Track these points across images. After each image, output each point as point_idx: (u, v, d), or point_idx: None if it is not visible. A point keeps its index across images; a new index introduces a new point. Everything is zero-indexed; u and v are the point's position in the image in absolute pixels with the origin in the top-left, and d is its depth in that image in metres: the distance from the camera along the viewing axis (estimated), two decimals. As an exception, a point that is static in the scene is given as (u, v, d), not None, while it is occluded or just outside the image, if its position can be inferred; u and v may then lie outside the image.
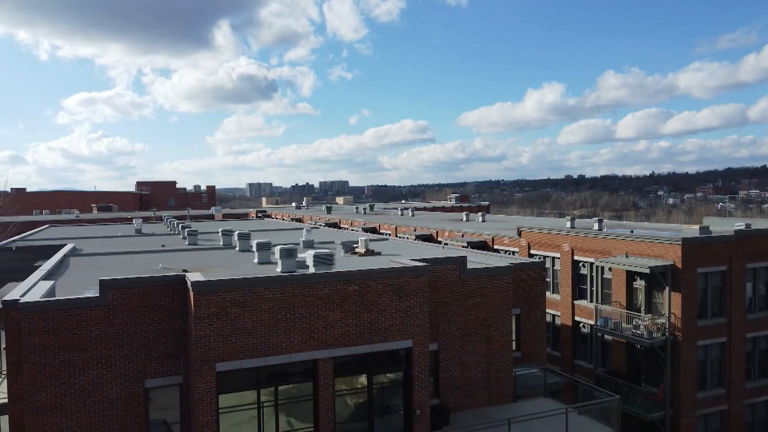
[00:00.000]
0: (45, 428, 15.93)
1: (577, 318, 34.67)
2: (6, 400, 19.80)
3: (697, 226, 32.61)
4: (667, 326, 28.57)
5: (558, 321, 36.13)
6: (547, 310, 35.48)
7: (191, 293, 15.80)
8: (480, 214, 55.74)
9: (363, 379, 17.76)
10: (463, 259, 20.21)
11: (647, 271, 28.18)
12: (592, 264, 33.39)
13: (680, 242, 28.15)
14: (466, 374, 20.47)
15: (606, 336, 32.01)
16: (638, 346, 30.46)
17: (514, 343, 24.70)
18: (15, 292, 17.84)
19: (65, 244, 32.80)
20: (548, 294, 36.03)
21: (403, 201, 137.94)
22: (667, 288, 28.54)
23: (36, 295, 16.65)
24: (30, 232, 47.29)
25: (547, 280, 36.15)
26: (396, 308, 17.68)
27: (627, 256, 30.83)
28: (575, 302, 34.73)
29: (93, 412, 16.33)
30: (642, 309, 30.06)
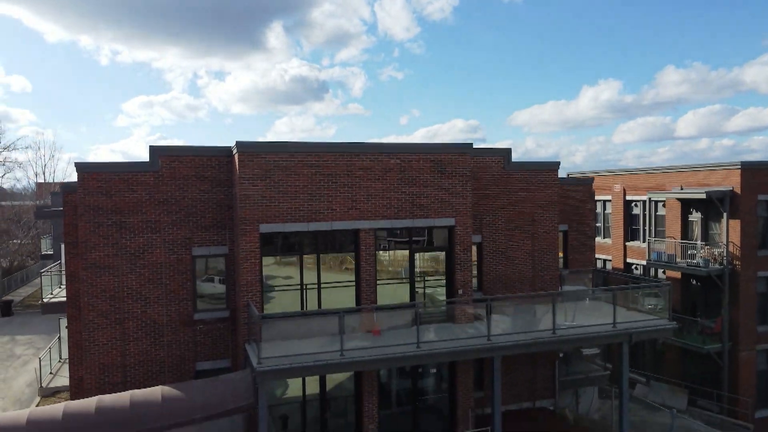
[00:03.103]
0: (97, 284, 16.55)
1: (629, 260, 33.66)
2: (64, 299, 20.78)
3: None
4: (725, 255, 27.39)
5: (609, 265, 35.16)
6: (598, 256, 34.67)
7: (236, 154, 16.14)
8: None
9: (405, 254, 17.73)
10: (507, 151, 19.92)
11: (704, 196, 27.11)
12: (644, 202, 32.40)
13: (739, 167, 26.99)
14: (510, 269, 20.15)
15: (660, 272, 30.96)
16: (693, 281, 29.39)
17: (561, 260, 24.25)
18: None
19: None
20: (599, 239, 35.17)
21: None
22: (725, 215, 27.37)
23: (91, 164, 17.33)
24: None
25: (598, 225, 35.34)
26: (438, 185, 17.58)
27: (682, 189, 29.77)
28: (627, 244, 33.75)
29: (142, 275, 16.88)
30: (698, 242, 28.93)
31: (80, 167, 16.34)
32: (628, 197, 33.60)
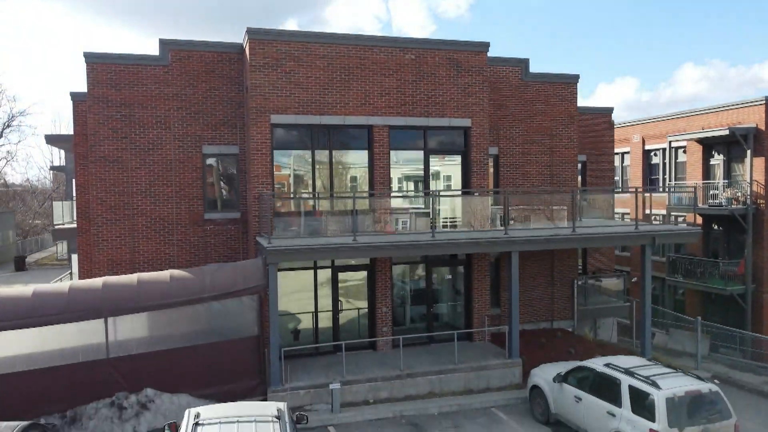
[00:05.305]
0: (106, 178, 16.27)
1: (646, 212, 32.83)
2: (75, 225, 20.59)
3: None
4: (749, 194, 26.59)
5: (627, 219, 34.41)
6: (616, 210, 33.96)
7: (247, 42, 15.77)
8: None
9: (420, 156, 17.23)
10: (525, 61, 19.37)
11: (726, 132, 26.35)
12: (664, 150, 31.67)
13: (764, 102, 26.20)
14: (527, 183, 19.61)
15: (680, 218, 30.21)
16: (715, 225, 28.62)
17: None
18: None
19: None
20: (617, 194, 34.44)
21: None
22: (748, 153, 26.59)
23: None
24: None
25: (616, 178, 34.63)
26: (454, 83, 17.09)
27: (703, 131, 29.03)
28: (645, 196, 32.94)
29: (152, 171, 16.57)
30: (720, 182, 28.18)
31: (89, 57, 16.06)
32: (647, 147, 32.89)
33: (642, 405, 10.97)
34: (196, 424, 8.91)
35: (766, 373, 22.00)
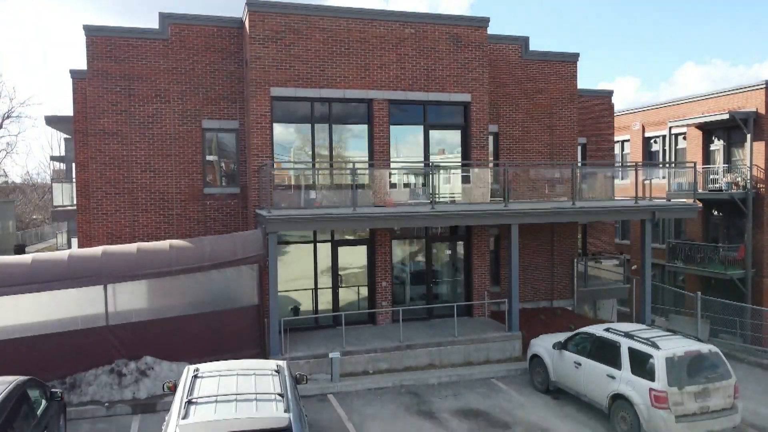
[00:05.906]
0: (106, 151, 16.25)
1: (647, 197, 32.85)
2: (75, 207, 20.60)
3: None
4: (749, 178, 26.57)
5: (627, 207, 34.37)
6: (616, 197, 33.93)
7: (247, 14, 15.76)
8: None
9: (419, 131, 17.21)
10: (525, 39, 19.36)
11: (726, 116, 26.34)
12: (664, 137, 31.66)
13: (764, 86, 26.19)
14: (527, 162, 19.58)
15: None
16: (715, 211, 28.61)
17: (579, 175, 23.63)
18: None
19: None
20: (616, 181, 34.39)
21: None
22: (748, 137, 26.58)
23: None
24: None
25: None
26: (454, 58, 17.08)
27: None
28: (645, 183, 32.93)
29: (152, 145, 16.55)
30: (720, 166, 28.17)
31: (88, 30, 16.05)
32: (647, 134, 32.87)
33: (642, 366, 10.95)
34: (195, 376, 8.89)
35: (766, 357, 22.02)
